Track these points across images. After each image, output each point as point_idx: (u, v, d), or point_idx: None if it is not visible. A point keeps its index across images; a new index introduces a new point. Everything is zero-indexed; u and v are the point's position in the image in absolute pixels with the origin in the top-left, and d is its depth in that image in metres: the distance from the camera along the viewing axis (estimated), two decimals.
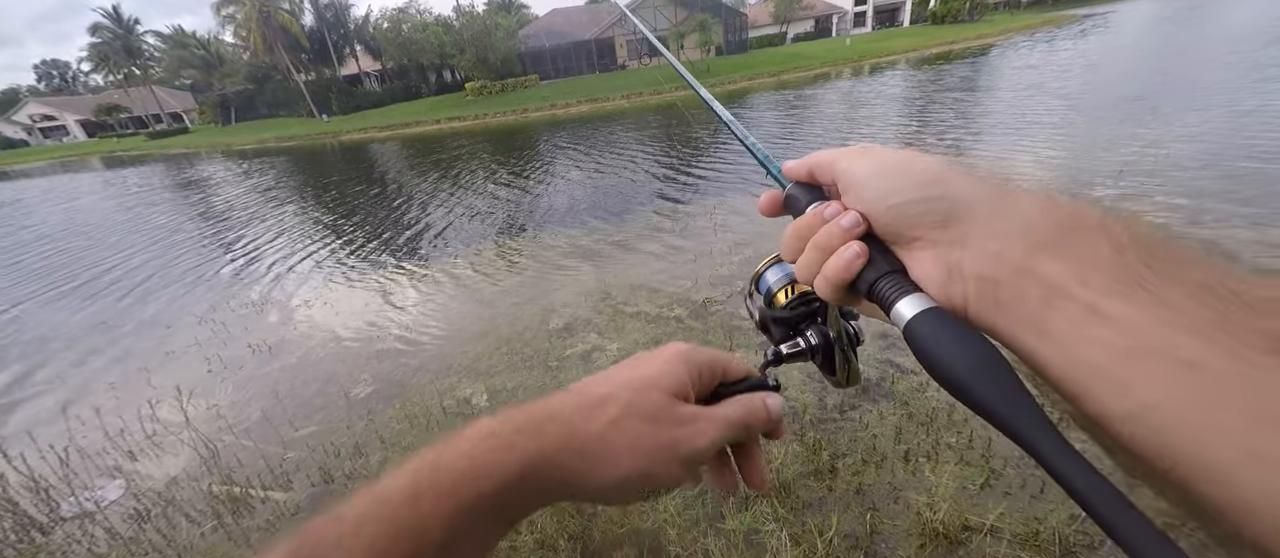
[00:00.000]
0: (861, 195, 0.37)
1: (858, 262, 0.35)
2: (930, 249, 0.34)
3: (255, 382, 4.11)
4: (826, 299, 0.39)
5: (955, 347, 0.30)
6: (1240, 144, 6.15)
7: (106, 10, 49.60)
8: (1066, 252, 0.28)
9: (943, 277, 0.33)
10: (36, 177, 29.88)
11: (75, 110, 66.97)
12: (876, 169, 0.36)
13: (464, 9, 38.30)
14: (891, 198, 0.35)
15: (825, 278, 0.37)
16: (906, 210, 0.34)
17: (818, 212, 0.38)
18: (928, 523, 2.10)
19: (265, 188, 14.56)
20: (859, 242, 0.36)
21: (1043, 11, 52.71)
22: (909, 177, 0.35)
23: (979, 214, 0.32)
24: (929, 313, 0.32)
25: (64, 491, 3.07)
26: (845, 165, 0.38)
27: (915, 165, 0.35)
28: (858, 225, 0.36)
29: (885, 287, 0.35)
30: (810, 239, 0.38)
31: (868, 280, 0.36)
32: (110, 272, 7.94)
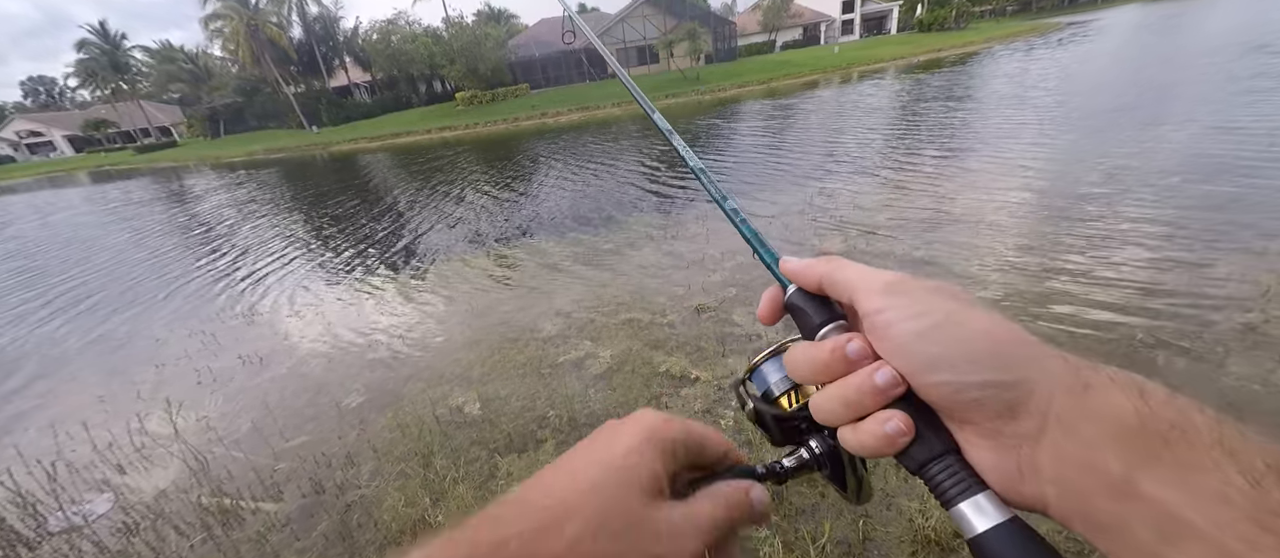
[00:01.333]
0: (899, 355, 0.31)
1: (902, 439, 0.30)
2: (990, 439, 0.29)
3: (245, 393, 4.08)
4: (853, 453, 0.34)
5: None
6: (1213, 157, 6.30)
7: (93, 26, 49.31)
8: (1180, 473, 0.23)
9: (1010, 473, 0.28)
10: (21, 192, 29.50)
11: (62, 126, 66.29)
12: (918, 331, 0.30)
13: (453, 20, 38.46)
14: (943, 374, 0.29)
15: (858, 442, 0.32)
16: (963, 394, 0.29)
17: (837, 346, 0.33)
18: (919, 530, 2.11)
19: (253, 200, 14.47)
20: (902, 415, 0.31)
21: (1027, 20, 53.70)
22: (965, 348, 0.29)
23: (1058, 408, 0.27)
24: (1010, 529, 0.27)
25: (51, 505, 3.03)
26: (873, 304, 0.32)
27: (969, 332, 0.29)
28: (895, 387, 0.31)
29: (942, 476, 0.30)
30: (829, 379, 0.33)
31: (916, 460, 0.31)
32: (98, 284, 7.85)
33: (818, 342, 0.35)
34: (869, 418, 0.31)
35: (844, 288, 0.34)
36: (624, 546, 0.30)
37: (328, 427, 3.46)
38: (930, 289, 0.32)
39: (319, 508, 2.77)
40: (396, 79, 43.09)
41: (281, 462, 3.17)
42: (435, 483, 2.77)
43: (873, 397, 0.31)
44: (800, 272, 0.37)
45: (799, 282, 0.37)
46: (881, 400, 0.31)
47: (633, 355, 3.69)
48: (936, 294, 0.32)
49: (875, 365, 0.31)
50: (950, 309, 0.30)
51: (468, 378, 3.77)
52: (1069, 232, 4.69)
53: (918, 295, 0.31)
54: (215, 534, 2.68)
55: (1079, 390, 0.27)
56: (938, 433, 0.31)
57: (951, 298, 0.31)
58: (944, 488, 0.30)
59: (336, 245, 8.25)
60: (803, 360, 0.35)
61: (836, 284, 0.35)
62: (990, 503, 0.28)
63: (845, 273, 0.34)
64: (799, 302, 0.37)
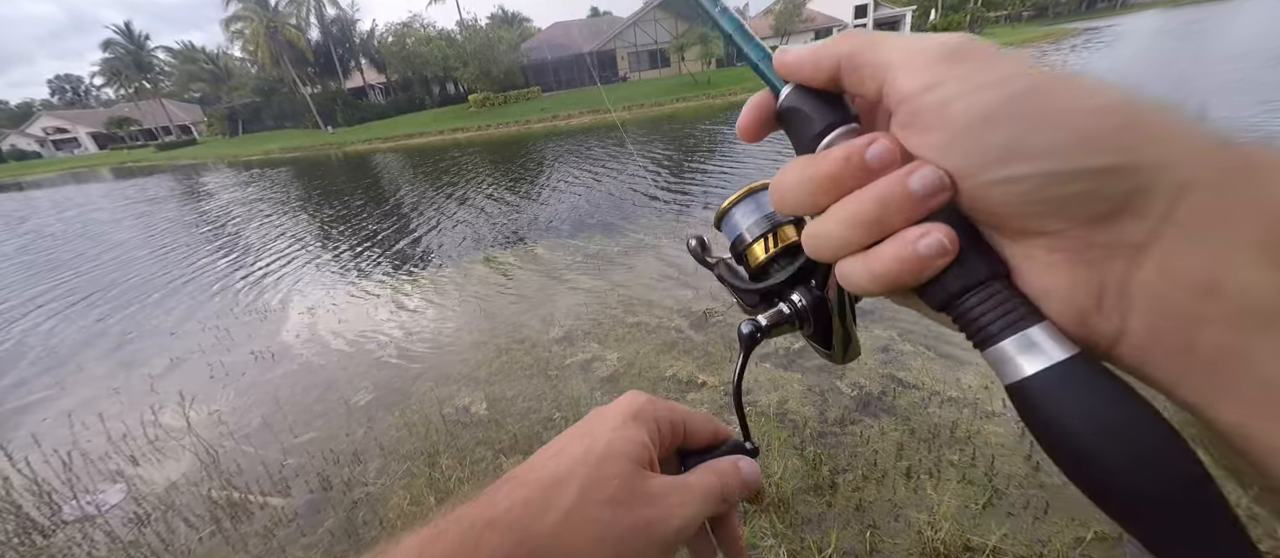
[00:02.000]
0: (954, 142, 0.22)
1: (942, 260, 0.23)
2: (1065, 252, 0.21)
3: (256, 388, 4.13)
4: (857, 292, 0.26)
5: (1131, 435, 0.19)
6: None
7: (118, 26, 50.54)
8: None
9: (1085, 299, 0.21)
10: (47, 187, 30.23)
11: (87, 123, 67.96)
12: (990, 107, 0.21)
13: (467, 23, 38.90)
14: (1027, 163, 0.20)
15: (871, 270, 0.24)
16: (1051, 191, 0.20)
17: (852, 151, 0.24)
18: (929, 542, 2.08)
19: (268, 198, 14.69)
20: (944, 227, 0.23)
21: (1043, 26, 53.12)
22: (1060, 124, 0.20)
23: (1190, 204, 0.19)
24: (1073, 368, 0.20)
25: (66, 494, 3.09)
26: (922, 79, 0.22)
27: (1068, 100, 0.20)
28: (939, 193, 0.22)
29: (983, 308, 0.22)
30: (837, 197, 0.25)
31: (949, 289, 0.23)
32: (117, 277, 8.01)
33: (821, 151, 0.26)
34: (889, 239, 0.23)
35: (873, 70, 0.24)
36: (614, 512, 0.29)
37: (336, 424, 3.50)
38: (1000, 54, 0.22)
39: (326, 504, 2.79)
40: (411, 81, 43.67)
41: (290, 457, 3.21)
42: (441, 483, 2.78)
43: (903, 209, 0.23)
44: (807, 61, 0.26)
45: (803, 76, 0.27)
46: (914, 214, 0.23)
47: (640, 359, 3.68)
48: (1011, 59, 0.22)
49: (910, 166, 0.23)
50: (1038, 76, 0.21)
51: (475, 378, 3.78)
52: None
53: (987, 61, 0.22)
54: (224, 527, 2.71)
55: (1233, 176, 0.18)
56: (982, 253, 0.23)
57: (1033, 62, 0.22)
58: (983, 322, 0.22)
59: (348, 244, 8.34)
60: (797, 180, 0.26)
61: (864, 66, 0.24)
62: (1047, 336, 0.21)
63: (878, 50, 0.24)
64: (798, 104, 0.27)
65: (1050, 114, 0.20)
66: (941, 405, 2.80)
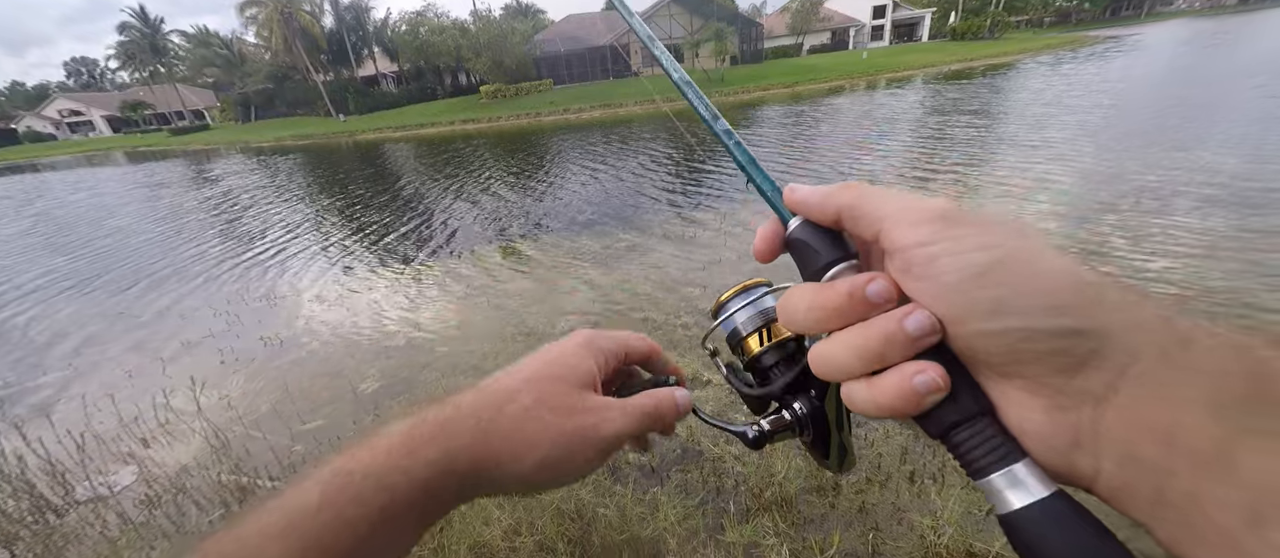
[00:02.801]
0: (942, 294, 0.26)
1: (934, 397, 0.26)
2: (1042, 397, 0.24)
3: (266, 374, 4.17)
4: (859, 413, 0.29)
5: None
6: None
7: (134, 10, 50.94)
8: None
9: (1063, 440, 0.24)
10: (62, 169, 30.60)
11: (101, 106, 68.70)
12: (977, 269, 0.25)
13: (481, 13, 38.86)
14: (1003, 319, 0.24)
15: (872, 399, 0.27)
16: (1027, 343, 0.24)
17: (856, 286, 0.28)
18: (931, 547, 2.07)
19: (280, 184, 14.80)
20: (938, 366, 0.26)
21: (1065, 32, 52.36)
22: (1035, 291, 0.24)
23: (1142, 365, 0.22)
24: (1055, 505, 0.23)
25: (79, 474, 3.14)
26: (914, 236, 0.27)
27: (1041, 270, 0.24)
28: (931, 335, 0.26)
29: (974, 443, 0.26)
30: (840, 325, 0.28)
31: (943, 422, 0.26)
32: (129, 261, 8.11)
33: (826, 283, 0.30)
34: (890, 371, 0.27)
35: (871, 220, 0.28)
36: (560, 418, 0.36)
37: (344, 411, 3.53)
38: (988, 223, 0.26)
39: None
40: (423, 70, 43.77)
41: (298, 444, 3.24)
42: None
43: (900, 346, 0.26)
44: (813, 201, 0.31)
45: (809, 213, 0.31)
46: (909, 351, 0.26)
47: None
48: (997, 228, 0.26)
49: (906, 309, 0.26)
50: (1017, 245, 0.25)
51: (481, 369, 3.80)
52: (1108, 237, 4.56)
53: (975, 228, 0.26)
54: (234, 511, 2.74)
55: (1175, 346, 0.22)
56: (971, 391, 0.26)
57: (1016, 234, 0.26)
58: (974, 456, 0.25)
59: (357, 233, 8.39)
60: (803, 305, 0.30)
61: (862, 215, 0.29)
62: (1030, 474, 0.24)
63: (874, 202, 0.29)
64: (805, 237, 0.31)
65: (1025, 280, 0.24)
66: None
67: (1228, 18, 43.59)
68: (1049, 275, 0.24)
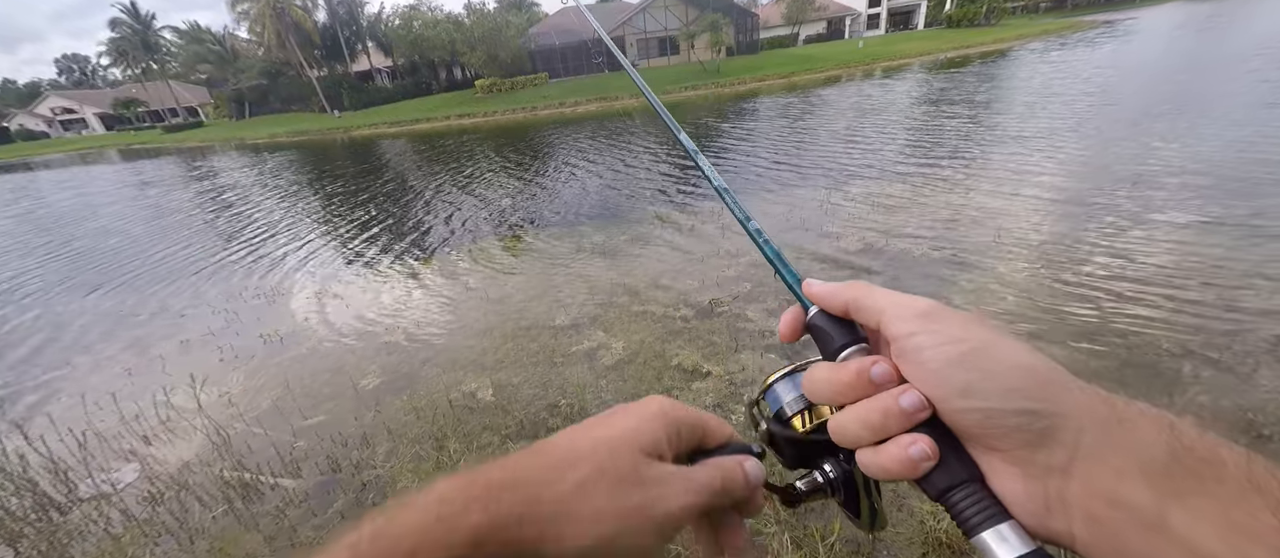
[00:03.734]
0: (928, 380, 0.31)
1: (926, 464, 0.31)
2: (1017, 467, 0.29)
3: (266, 371, 4.18)
4: (872, 477, 0.34)
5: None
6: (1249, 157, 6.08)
7: (125, 5, 50.35)
8: (1210, 507, 0.24)
9: (1038, 505, 0.29)
10: (56, 167, 30.38)
11: (94, 104, 68.03)
12: (953, 357, 0.31)
13: (475, 7, 38.54)
14: (973, 400, 0.30)
15: (879, 465, 0.32)
16: (993, 420, 0.29)
17: (862, 368, 0.33)
18: (931, 533, 2.10)
19: (275, 181, 14.73)
20: (928, 439, 0.31)
21: (1061, 16, 52.15)
22: (998, 378, 0.29)
23: (1087, 440, 0.27)
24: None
25: (82, 472, 3.15)
26: (903, 329, 0.33)
27: (1002, 360, 0.30)
28: (921, 411, 0.31)
29: (965, 504, 0.30)
30: (850, 400, 0.34)
31: (938, 486, 0.31)
32: (128, 260, 8.08)
33: (840, 363, 0.35)
34: (891, 441, 0.32)
35: (872, 313, 0.35)
36: (622, 492, 0.32)
37: (345, 407, 3.54)
38: (964, 319, 0.32)
39: (335, 486, 2.84)
40: (417, 65, 43.43)
41: (300, 440, 3.25)
42: (448, 467, 2.82)
43: (897, 420, 0.31)
44: (826, 295, 0.37)
45: (823, 304, 0.37)
46: (906, 424, 0.31)
47: (645, 348, 3.70)
48: (970, 323, 0.32)
49: (901, 389, 0.32)
50: (985, 338, 0.31)
51: (481, 364, 3.81)
52: (1090, 238, 4.57)
53: (952, 323, 0.32)
54: (236, 507, 2.76)
55: (1112, 424, 0.27)
56: (961, 460, 0.31)
57: (983, 327, 0.32)
58: (966, 515, 0.30)
59: (355, 229, 8.37)
60: (823, 381, 0.35)
61: (864, 309, 0.35)
62: (1014, 533, 0.28)
63: (874, 298, 0.35)
64: (821, 323, 0.37)
65: (991, 368, 0.30)
66: None
67: (1222, 0, 43.43)
68: (1009, 365, 0.29)
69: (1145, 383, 2.85)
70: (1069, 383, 0.29)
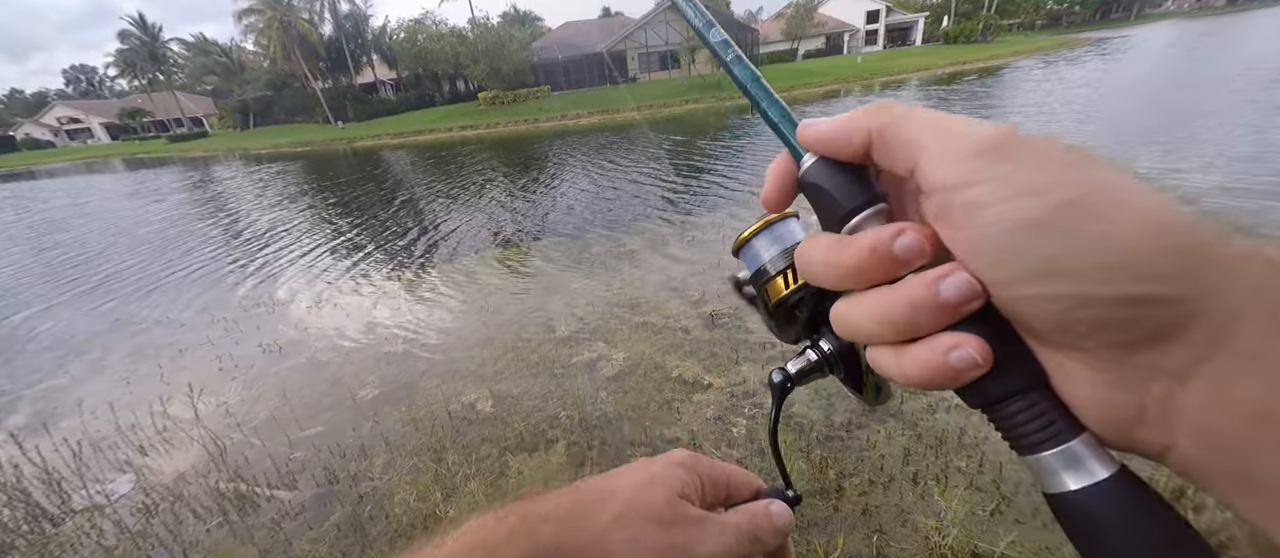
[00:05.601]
0: (987, 250, 0.21)
1: (974, 373, 0.22)
2: (1108, 370, 0.21)
3: (264, 381, 4.15)
4: (884, 376, 0.26)
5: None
6: None
7: (133, 18, 51.01)
8: None
9: (1126, 412, 0.20)
10: (61, 176, 30.54)
11: (100, 113, 68.64)
12: (1026, 221, 0.20)
13: (479, 21, 39.02)
14: (1057, 284, 0.20)
15: (902, 370, 0.24)
16: (1085, 312, 0.20)
17: (880, 243, 0.23)
18: (936, 548, 2.07)
19: (278, 191, 14.78)
20: (978, 341, 0.22)
21: (1056, 34, 52.73)
22: (1101, 246, 0.19)
23: (1244, 336, 0.18)
24: (1116, 487, 0.21)
25: (75, 483, 3.12)
26: (955, 174, 0.22)
27: (1111, 217, 0.19)
28: (970, 302, 0.22)
29: (1022, 418, 0.22)
30: (863, 286, 0.24)
31: (987, 395, 0.23)
32: (127, 268, 8.08)
33: (846, 234, 0.25)
34: (922, 343, 0.23)
35: (905, 151, 0.23)
36: (652, 528, 0.32)
37: (343, 418, 3.51)
38: (1046, 154, 0.21)
39: (332, 498, 2.81)
40: (421, 77, 43.87)
41: (297, 451, 3.22)
42: (447, 479, 2.79)
43: (933, 315, 0.22)
44: (832, 134, 0.25)
45: (827, 148, 0.26)
46: (944, 320, 0.22)
47: (645, 360, 3.68)
48: (1057, 163, 0.21)
49: (942, 271, 0.22)
50: (1082, 183, 0.20)
51: (481, 375, 3.79)
52: None
53: (1030, 161, 0.21)
54: (231, 519, 2.72)
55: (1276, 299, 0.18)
56: (1021, 361, 0.22)
57: (1082, 167, 0.20)
58: (1022, 432, 0.22)
59: (356, 239, 8.38)
60: (821, 259, 0.25)
61: (893, 146, 0.24)
62: (1088, 451, 0.21)
63: (911, 128, 0.23)
64: (820, 178, 0.26)
65: (1093, 233, 0.19)
66: (949, 412, 2.78)
67: (1215, 19, 43.89)
68: (1124, 226, 0.19)
69: None
70: (1227, 249, 0.19)
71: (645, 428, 2.99)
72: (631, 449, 2.86)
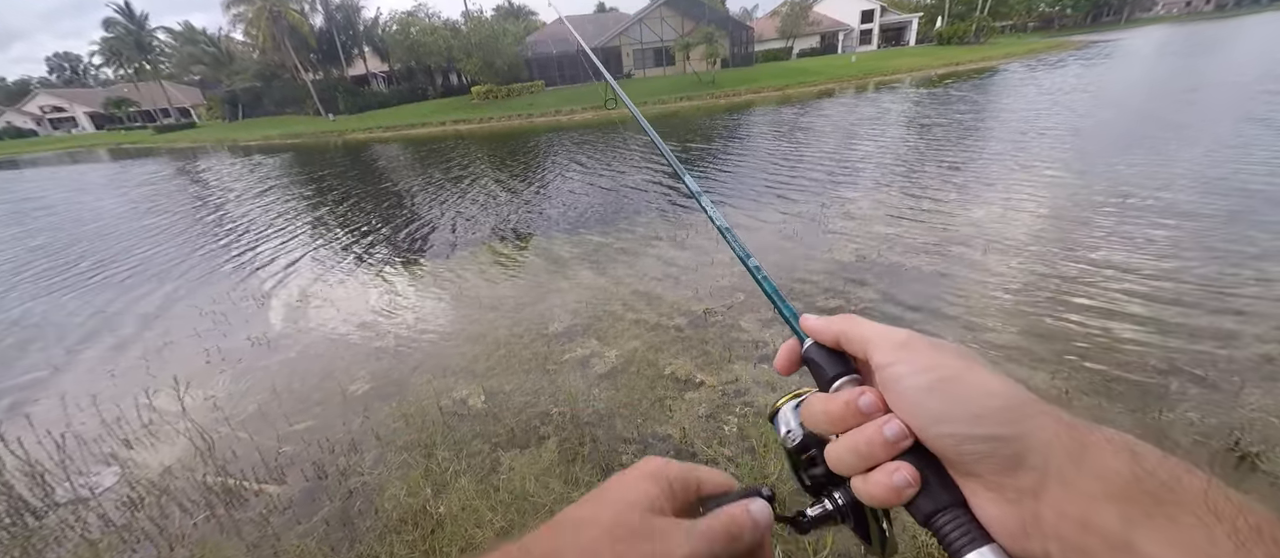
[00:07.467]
0: (907, 408, 0.33)
1: (909, 490, 0.32)
2: (994, 492, 0.30)
3: (253, 375, 4.11)
4: (865, 503, 0.36)
5: None
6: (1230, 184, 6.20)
7: (119, 5, 50.05)
8: (1171, 531, 0.25)
9: (1015, 527, 0.30)
10: (44, 166, 29.97)
11: (84, 102, 67.33)
12: (926, 386, 0.32)
13: (472, 14, 38.68)
14: (948, 426, 0.31)
15: (868, 492, 0.34)
16: (966, 447, 0.31)
17: (851, 399, 0.35)
18: (923, 547, 2.10)
19: (268, 184, 14.61)
20: (910, 467, 0.32)
21: (1048, 37, 53.20)
22: (966, 404, 0.31)
23: (1055, 465, 0.28)
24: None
25: (59, 476, 3.08)
26: (884, 359, 0.35)
27: (974, 389, 0.31)
28: (904, 440, 0.33)
29: (950, 528, 0.31)
30: (842, 429, 0.35)
31: (923, 511, 0.32)
32: (113, 260, 7.96)
33: (832, 393, 0.37)
34: (878, 469, 0.33)
35: (859, 344, 0.37)
36: (624, 546, 0.35)
37: (332, 412, 3.49)
38: (937, 348, 0.34)
39: (321, 493, 2.79)
40: (414, 70, 43.45)
41: (286, 445, 3.20)
42: (437, 474, 2.78)
43: (882, 448, 0.33)
44: (818, 328, 0.40)
45: (816, 337, 0.40)
46: (890, 452, 0.33)
47: (638, 357, 3.69)
48: (943, 352, 0.34)
49: (885, 418, 0.34)
50: (955, 366, 0.33)
51: (472, 371, 3.78)
52: (1077, 256, 4.63)
53: (925, 352, 0.34)
54: (218, 513, 2.70)
55: (1077, 450, 0.28)
56: (945, 486, 0.32)
57: (957, 356, 0.33)
58: (951, 539, 0.31)
59: (347, 233, 8.31)
60: (818, 411, 0.37)
61: (852, 340, 0.37)
62: (996, 556, 0.29)
63: (861, 330, 0.37)
64: (815, 355, 0.39)
65: (960, 396, 0.31)
66: None
67: (1203, 24, 44.47)
68: (977, 392, 0.31)
69: (1133, 399, 2.88)
70: (1035, 409, 0.30)
71: (637, 425, 3.00)
72: (623, 446, 2.86)
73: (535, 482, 2.65)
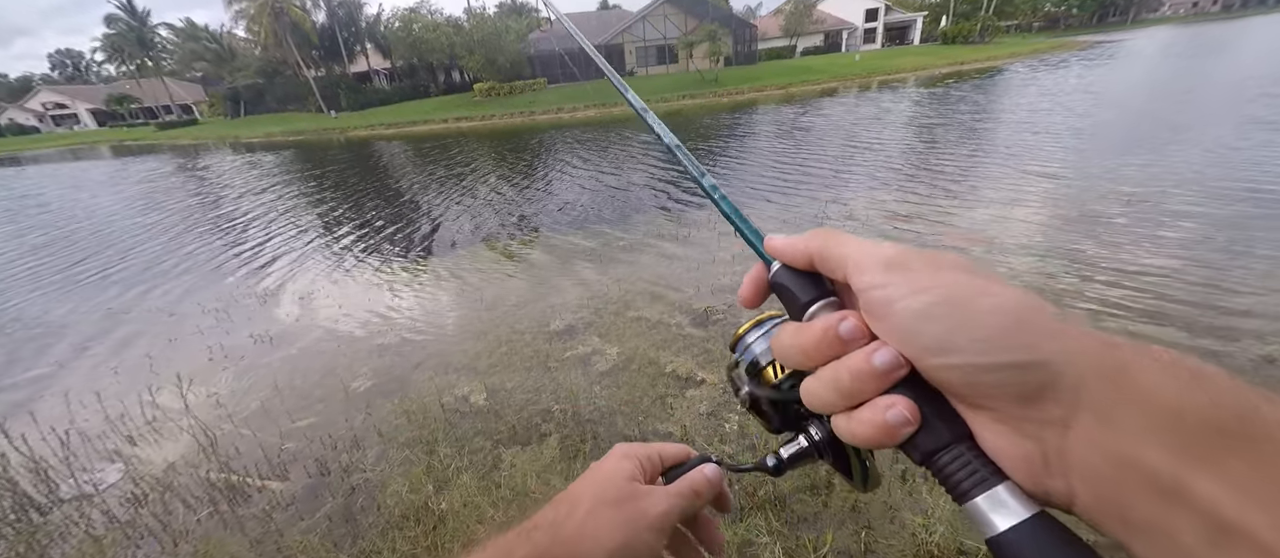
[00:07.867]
0: (899, 337, 0.28)
1: (906, 429, 0.27)
2: (1011, 425, 0.26)
3: (255, 372, 4.13)
4: (849, 443, 0.31)
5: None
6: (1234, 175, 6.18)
7: (121, 2, 50.11)
8: (1239, 473, 0.20)
9: (1034, 463, 0.25)
10: (46, 163, 30.04)
11: (87, 99, 67.51)
12: (921, 309, 0.27)
13: (475, 11, 38.63)
14: (953, 357, 0.26)
15: (853, 432, 0.29)
16: (976, 378, 0.26)
17: (829, 326, 0.30)
18: (923, 545, 2.10)
19: (269, 182, 14.63)
20: (907, 401, 0.27)
21: (1053, 37, 52.99)
22: (975, 329, 0.25)
23: (1090, 393, 0.23)
24: (1038, 526, 0.24)
25: (63, 472, 3.09)
26: (869, 279, 0.29)
27: (980, 307, 0.26)
28: (897, 370, 0.28)
29: (954, 467, 0.27)
30: (820, 362, 0.30)
31: (922, 450, 0.28)
32: (117, 257, 7.99)
33: (806, 322, 0.32)
34: (866, 405, 0.28)
35: (837, 263, 0.31)
36: (619, 507, 0.42)
37: (335, 409, 3.50)
38: (933, 261, 0.28)
39: (324, 489, 2.80)
40: (416, 67, 43.43)
41: (288, 442, 3.21)
42: (439, 471, 2.79)
43: (871, 381, 0.28)
44: (787, 247, 0.33)
45: (786, 258, 0.33)
46: (881, 385, 0.28)
47: (639, 355, 3.69)
48: (940, 267, 0.28)
49: (873, 346, 0.28)
50: (956, 282, 0.27)
51: (474, 368, 3.79)
52: (1079, 256, 4.62)
53: (919, 269, 0.28)
54: (221, 510, 2.71)
55: (1114, 371, 0.23)
56: (947, 420, 0.27)
57: (958, 270, 0.28)
58: (956, 480, 0.26)
59: (349, 230, 8.32)
60: (789, 344, 0.32)
61: (829, 259, 0.31)
62: (1012, 496, 0.25)
63: (839, 246, 0.31)
64: (784, 279, 0.33)
65: (964, 318, 0.26)
66: None
67: (1209, 25, 44.29)
68: (986, 311, 0.25)
69: None
70: (1059, 326, 0.25)
71: (638, 423, 3.00)
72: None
73: (536, 479, 2.66)
